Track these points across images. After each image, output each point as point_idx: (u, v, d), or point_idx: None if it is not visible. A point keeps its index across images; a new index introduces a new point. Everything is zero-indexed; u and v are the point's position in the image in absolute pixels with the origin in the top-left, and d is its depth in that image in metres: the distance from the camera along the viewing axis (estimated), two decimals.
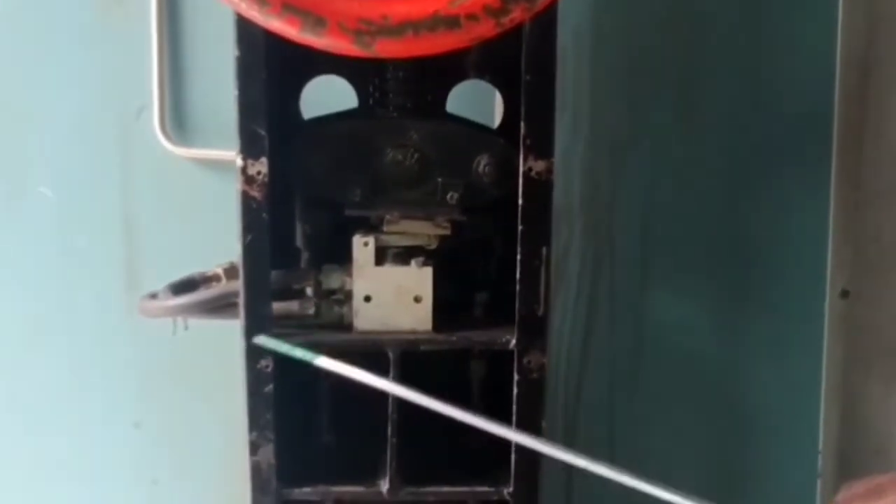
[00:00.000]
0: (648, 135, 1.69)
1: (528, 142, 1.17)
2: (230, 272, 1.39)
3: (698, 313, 1.73)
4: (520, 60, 1.18)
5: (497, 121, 1.39)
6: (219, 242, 1.48)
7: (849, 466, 1.70)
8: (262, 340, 1.17)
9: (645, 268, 1.72)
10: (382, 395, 1.21)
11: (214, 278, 1.39)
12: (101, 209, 1.66)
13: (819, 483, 1.76)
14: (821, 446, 1.74)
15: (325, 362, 1.11)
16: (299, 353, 1.14)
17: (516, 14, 1.03)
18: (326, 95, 1.32)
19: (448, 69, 1.30)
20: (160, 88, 1.62)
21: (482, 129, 1.33)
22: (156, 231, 1.67)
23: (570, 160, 1.65)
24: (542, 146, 1.17)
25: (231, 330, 1.35)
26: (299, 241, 1.30)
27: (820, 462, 1.76)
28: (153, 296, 1.33)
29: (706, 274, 1.72)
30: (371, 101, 1.29)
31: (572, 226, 1.69)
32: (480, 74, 1.33)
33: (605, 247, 1.71)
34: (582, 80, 1.65)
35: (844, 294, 1.71)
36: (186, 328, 1.37)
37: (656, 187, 1.70)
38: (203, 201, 1.64)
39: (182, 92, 1.64)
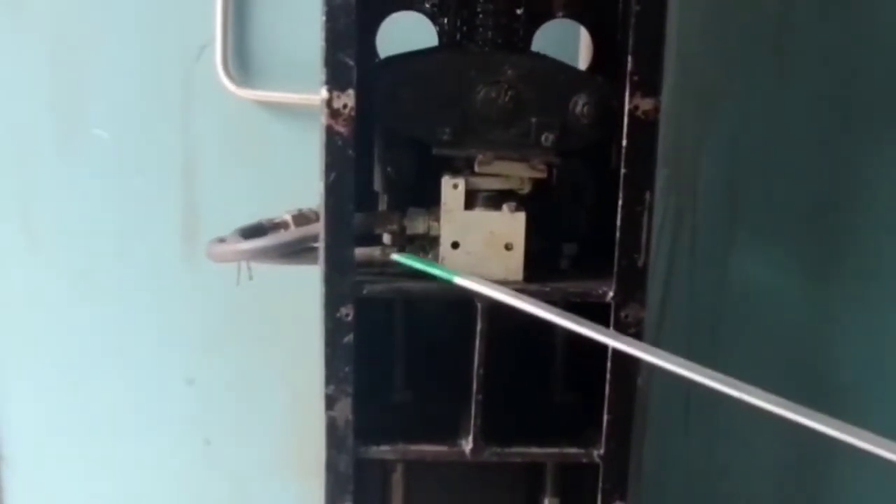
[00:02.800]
0: (739, 82, 1.59)
1: (635, 78, 1.09)
2: (299, 219, 1.34)
3: (786, 276, 1.65)
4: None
5: (581, 66, 1.32)
6: (282, 189, 1.43)
7: None
8: (398, 257, 1.15)
9: (730, 223, 1.63)
10: (462, 349, 1.15)
11: (282, 225, 1.33)
12: (160, 153, 1.59)
13: None
14: None
15: (463, 281, 1.09)
16: (437, 270, 1.10)
17: None
18: (397, 37, 1.25)
19: (535, 6, 1.23)
20: (223, 26, 1.54)
21: (575, 69, 1.25)
22: (216, 177, 1.60)
23: None
24: (650, 83, 1.09)
25: (292, 282, 1.30)
26: (377, 185, 1.23)
27: None
28: (221, 240, 1.26)
29: (797, 233, 1.63)
30: (458, 36, 1.21)
31: None
32: (569, 13, 1.26)
33: (688, 200, 1.63)
34: (669, 21, 1.57)
35: None
36: (251, 278, 1.30)
37: (745, 137, 1.61)
38: (267, 146, 1.57)
39: (246, 30, 1.56)
